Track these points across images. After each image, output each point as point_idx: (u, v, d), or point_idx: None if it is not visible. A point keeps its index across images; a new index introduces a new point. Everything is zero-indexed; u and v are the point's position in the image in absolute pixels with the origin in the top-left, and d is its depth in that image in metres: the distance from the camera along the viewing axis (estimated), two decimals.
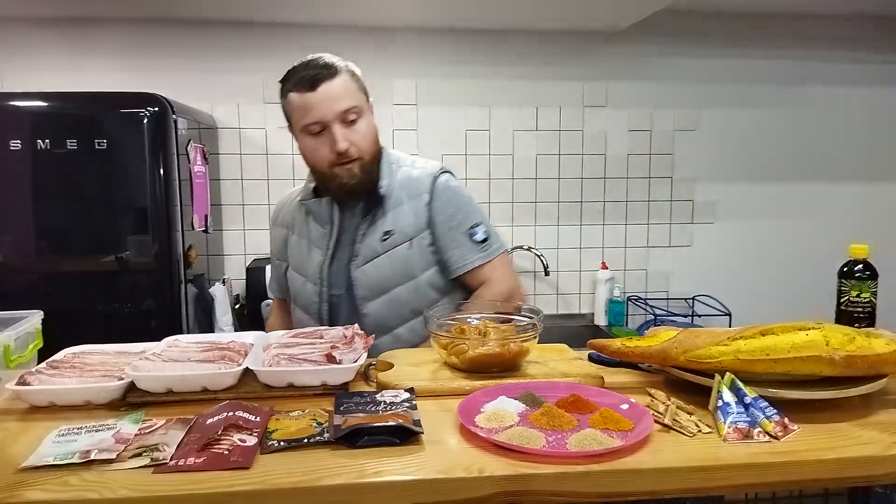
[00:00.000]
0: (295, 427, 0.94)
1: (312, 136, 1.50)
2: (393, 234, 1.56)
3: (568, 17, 2.90)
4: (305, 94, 1.46)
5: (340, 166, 1.50)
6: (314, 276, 1.59)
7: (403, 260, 1.57)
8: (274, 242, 1.72)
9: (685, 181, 3.29)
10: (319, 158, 1.51)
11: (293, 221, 1.67)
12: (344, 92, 1.48)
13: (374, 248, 1.56)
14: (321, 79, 1.46)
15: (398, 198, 1.59)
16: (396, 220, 1.58)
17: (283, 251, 1.69)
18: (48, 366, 1.15)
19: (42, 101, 2.34)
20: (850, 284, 1.39)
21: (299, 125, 1.51)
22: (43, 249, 2.35)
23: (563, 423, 0.98)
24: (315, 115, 1.47)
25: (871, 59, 3.32)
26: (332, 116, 1.46)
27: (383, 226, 1.57)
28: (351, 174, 1.51)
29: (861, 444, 0.95)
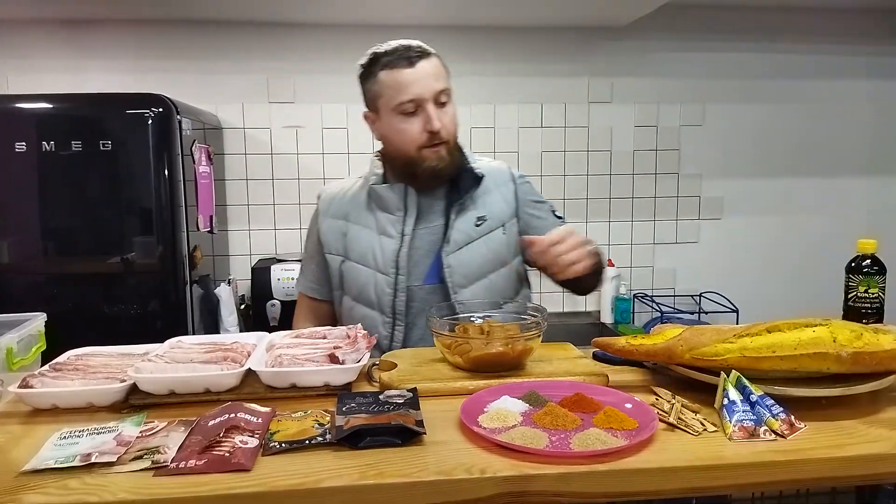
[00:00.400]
0: (296, 428, 0.94)
1: (404, 115, 1.47)
2: (486, 219, 1.56)
3: (571, 13, 2.88)
4: (403, 70, 1.44)
5: (430, 148, 1.48)
6: (387, 266, 1.52)
7: (498, 245, 1.56)
8: (325, 235, 1.62)
9: (691, 177, 3.27)
10: (409, 140, 1.48)
11: (350, 211, 1.60)
12: (438, 72, 1.47)
13: (468, 233, 1.54)
14: (419, 56, 1.45)
15: (486, 185, 1.59)
16: (488, 205, 1.58)
17: (339, 243, 1.60)
18: (51, 368, 1.15)
19: (46, 102, 2.35)
20: (857, 280, 1.38)
21: (391, 104, 1.47)
22: (48, 251, 2.36)
23: (566, 423, 0.97)
24: (412, 93, 1.44)
25: (877, 52, 3.30)
26: (428, 95, 1.45)
27: (475, 211, 1.56)
28: (439, 157, 1.49)
29: (869, 442, 0.94)
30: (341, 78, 3.05)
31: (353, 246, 1.57)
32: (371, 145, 3.08)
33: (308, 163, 3.08)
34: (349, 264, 1.58)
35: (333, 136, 3.09)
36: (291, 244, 3.09)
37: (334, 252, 1.61)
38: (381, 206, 1.57)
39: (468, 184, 1.56)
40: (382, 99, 1.49)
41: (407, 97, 1.44)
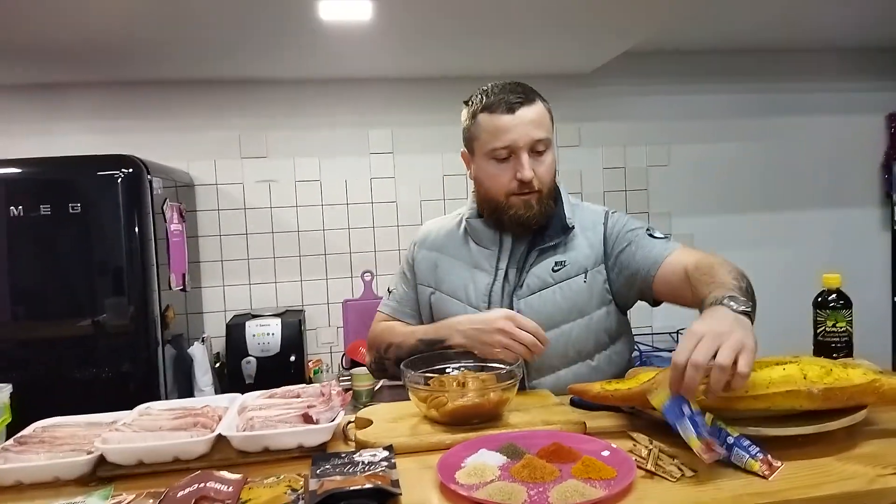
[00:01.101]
0: (268, 496, 0.91)
1: (497, 161, 1.45)
2: (566, 265, 1.49)
3: (538, 62, 2.95)
4: (501, 116, 1.42)
5: (518, 196, 1.45)
6: (479, 300, 1.49)
7: (577, 293, 1.48)
8: (419, 265, 1.60)
9: (661, 215, 3.32)
10: (499, 185, 1.46)
11: (445, 245, 1.59)
12: (539, 120, 1.44)
13: (543, 278, 1.48)
14: (520, 103, 1.42)
15: (572, 231, 1.53)
16: (570, 251, 1.50)
17: (431, 275, 1.58)
18: (16, 442, 1.12)
19: (14, 167, 2.33)
20: (825, 315, 1.39)
21: (485, 148, 1.46)
22: (18, 316, 2.32)
23: (544, 475, 0.96)
24: (507, 139, 1.42)
25: (835, 89, 3.41)
26: (523, 143, 1.42)
27: (554, 256, 1.50)
28: (528, 205, 1.45)
29: (845, 479, 0.93)
30: (313, 131, 3.08)
31: (445, 278, 1.55)
32: (346, 197, 3.11)
33: (282, 216, 3.08)
34: (440, 296, 1.55)
35: (307, 188, 3.10)
36: (266, 299, 3.07)
37: (425, 283, 1.59)
38: (476, 239, 1.55)
39: (555, 231, 1.51)
40: (478, 141, 1.48)
41: (501, 143, 1.43)
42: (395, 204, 3.15)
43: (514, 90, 1.45)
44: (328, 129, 3.10)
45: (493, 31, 2.45)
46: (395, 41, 2.54)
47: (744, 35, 3.06)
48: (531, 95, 1.46)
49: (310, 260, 3.11)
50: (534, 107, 1.44)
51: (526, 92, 1.46)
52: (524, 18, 2.33)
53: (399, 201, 3.16)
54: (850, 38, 3.23)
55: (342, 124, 3.10)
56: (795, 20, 2.85)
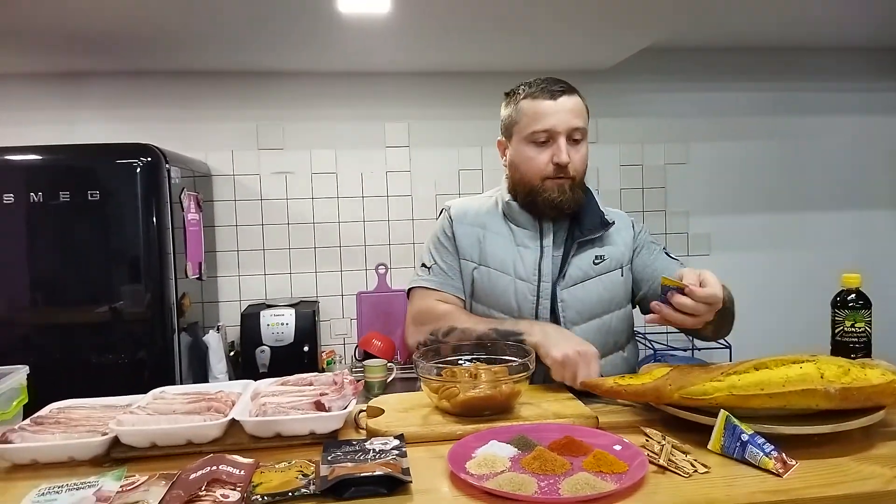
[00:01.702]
0: (279, 480, 0.92)
1: (535, 144, 1.50)
2: (605, 259, 1.56)
3: (554, 58, 2.94)
4: (544, 101, 1.49)
5: (554, 180, 1.50)
6: (528, 273, 1.52)
7: (616, 286, 1.56)
8: (461, 240, 1.59)
9: (679, 214, 3.29)
10: (536, 169, 1.51)
11: (487, 222, 1.60)
12: (578, 110, 1.51)
13: (585, 270, 1.54)
14: (562, 92, 1.50)
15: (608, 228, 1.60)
16: (607, 245, 1.58)
17: (475, 250, 1.58)
18: (32, 422, 1.13)
19: (35, 154, 2.35)
20: (843, 314, 1.37)
21: (525, 131, 1.51)
22: (37, 302, 2.34)
23: (555, 467, 0.95)
24: (547, 123, 1.48)
25: (856, 89, 3.36)
26: (563, 128, 1.48)
27: (594, 250, 1.56)
28: (561, 190, 1.50)
29: (861, 480, 0.92)
30: (330, 123, 3.09)
31: (491, 253, 1.56)
32: (361, 190, 3.12)
33: (298, 208, 3.09)
34: (485, 271, 1.56)
35: (323, 181, 3.10)
36: (281, 289, 3.08)
37: (468, 258, 1.59)
38: (516, 221, 1.58)
39: (594, 224, 1.57)
40: (518, 125, 1.54)
41: (542, 127, 1.48)
42: (411, 198, 3.15)
43: (558, 81, 1.53)
44: (345, 122, 3.10)
45: (512, 26, 2.44)
46: (413, 35, 2.54)
47: (764, 33, 3.02)
48: (571, 88, 1.53)
49: (325, 252, 3.12)
50: (574, 97, 1.52)
51: (567, 84, 1.53)
52: (543, 13, 2.31)
53: (414, 195, 3.16)
54: (872, 38, 3.19)
55: (359, 117, 3.10)
56: (817, 19, 2.82)
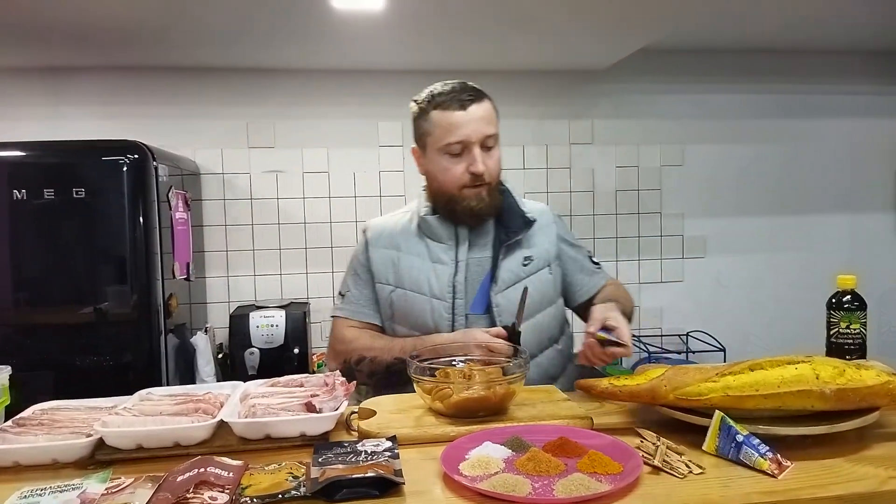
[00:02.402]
0: (269, 482, 0.90)
1: (450, 155, 1.50)
2: (533, 259, 1.57)
3: (552, 58, 2.93)
4: (454, 112, 1.48)
5: (471, 188, 1.51)
6: (443, 292, 1.52)
7: (545, 285, 1.57)
8: (376, 265, 1.60)
9: (674, 216, 3.30)
10: (452, 179, 1.51)
11: (401, 242, 1.60)
12: (488, 117, 1.51)
13: (515, 272, 1.55)
14: (471, 100, 1.49)
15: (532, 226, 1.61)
16: (533, 245, 1.59)
17: (390, 273, 1.59)
18: (14, 423, 1.11)
19: (19, 150, 2.32)
20: (839, 316, 1.37)
21: (438, 143, 1.51)
22: (20, 302, 2.31)
23: (549, 469, 0.94)
24: (460, 134, 1.48)
25: (853, 91, 3.38)
26: (475, 138, 1.48)
27: (521, 251, 1.57)
28: (479, 197, 1.52)
29: (856, 480, 0.92)
30: (322, 122, 3.07)
31: (406, 274, 1.57)
32: (354, 189, 3.10)
33: (289, 208, 3.07)
34: (401, 293, 1.56)
35: (314, 180, 3.08)
36: (272, 290, 3.06)
37: (384, 282, 1.59)
38: (432, 235, 1.58)
39: (517, 225, 1.58)
40: (431, 137, 1.53)
41: (455, 139, 1.48)
42: (404, 198, 3.13)
43: (465, 88, 1.52)
44: (337, 121, 3.08)
45: (507, 24, 2.43)
46: (408, 32, 2.52)
47: (762, 35, 3.03)
48: (480, 94, 1.53)
49: (316, 252, 3.09)
50: (483, 104, 1.51)
51: (475, 90, 1.53)
52: (539, 12, 2.31)
53: (408, 195, 3.13)
54: (869, 41, 3.20)
55: (352, 116, 3.09)
56: (814, 21, 2.82)
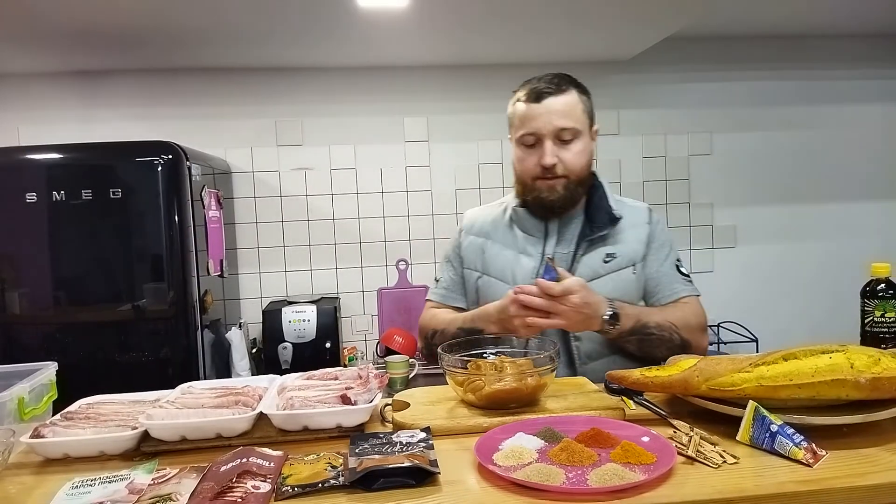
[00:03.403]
0: (309, 472, 0.92)
1: (525, 146, 1.53)
2: (616, 257, 1.55)
3: (576, 49, 2.92)
4: (530, 104, 1.50)
5: (543, 180, 1.52)
6: (526, 280, 1.50)
7: (626, 284, 1.54)
8: (465, 251, 1.65)
9: (703, 206, 3.27)
10: (526, 169, 1.54)
11: (491, 231, 1.64)
12: (566, 110, 1.50)
13: (594, 268, 1.53)
14: (547, 93, 1.49)
15: (621, 224, 1.58)
16: (619, 243, 1.57)
17: (478, 259, 1.63)
18: (62, 417, 1.15)
19: (57, 153, 2.38)
20: (873, 304, 1.35)
21: (516, 134, 1.55)
22: (60, 301, 2.37)
23: (583, 459, 0.95)
24: (532, 127, 1.50)
25: (884, 76, 3.32)
26: (546, 131, 1.49)
27: (605, 248, 1.56)
28: (552, 190, 1.52)
29: (892, 470, 0.91)
30: (349, 119, 3.09)
31: (493, 262, 1.60)
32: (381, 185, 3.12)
33: (317, 204, 3.10)
34: (487, 279, 1.60)
35: (342, 176, 3.11)
36: (302, 286, 3.10)
37: (472, 268, 1.64)
38: (522, 227, 1.61)
39: (602, 221, 1.56)
40: (512, 128, 1.58)
41: (527, 130, 1.51)
42: (431, 192, 3.15)
43: (550, 80, 1.52)
44: (363, 117, 3.11)
45: (532, 17, 2.43)
46: (432, 28, 2.53)
47: (790, 20, 2.98)
48: (564, 86, 1.52)
49: (345, 248, 3.13)
50: (563, 97, 1.50)
51: (560, 82, 1.52)
52: (565, 3, 2.30)
53: (434, 190, 3.16)
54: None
55: (377, 112, 3.11)
56: (845, 4, 2.77)
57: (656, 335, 1.44)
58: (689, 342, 1.46)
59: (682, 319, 1.48)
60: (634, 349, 1.47)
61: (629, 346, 1.46)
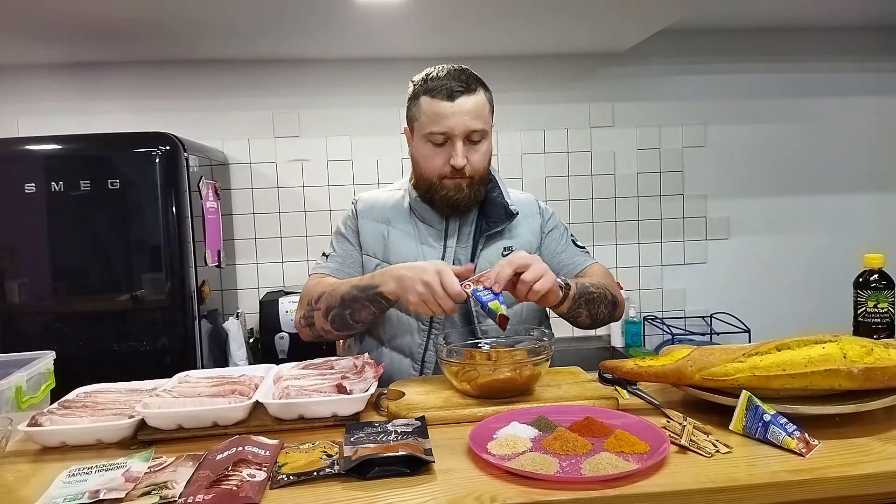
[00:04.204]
0: (304, 460, 0.93)
1: (434, 144, 1.48)
2: (514, 250, 1.52)
3: (571, 41, 2.92)
4: (441, 102, 1.45)
5: (451, 179, 1.49)
6: None
7: None
8: (365, 236, 1.58)
9: (696, 198, 3.27)
10: (432, 167, 1.50)
11: (392, 217, 1.59)
12: (476, 111, 1.47)
13: (493, 263, 1.47)
14: (459, 92, 1.45)
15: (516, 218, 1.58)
16: (515, 237, 1.57)
17: (379, 246, 1.57)
18: (60, 406, 1.15)
19: (55, 144, 2.38)
20: (866, 295, 1.36)
21: (423, 130, 1.49)
22: (59, 291, 2.38)
23: (576, 448, 0.96)
24: (444, 126, 1.45)
25: (878, 69, 3.31)
26: (458, 132, 1.45)
27: (502, 241, 1.55)
28: (458, 189, 1.49)
29: (884, 459, 0.92)
30: (345, 111, 3.09)
31: (394, 250, 1.55)
32: (377, 176, 3.12)
33: (314, 195, 3.10)
34: None
35: (338, 168, 3.11)
36: (299, 276, 3.10)
37: (371, 254, 1.58)
38: (423, 218, 1.57)
39: (499, 216, 1.55)
40: (418, 123, 1.51)
41: (438, 129, 1.46)
42: None
43: (458, 77, 1.47)
44: (360, 109, 3.10)
45: (527, 10, 2.42)
46: (428, 20, 2.53)
47: (784, 13, 2.98)
48: (473, 85, 1.48)
49: None
50: (474, 97, 1.46)
51: (469, 81, 1.47)
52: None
53: None
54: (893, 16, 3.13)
55: (374, 104, 3.11)
56: None
57: (596, 293, 1.44)
58: (616, 297, 1.52)
59: (601, 280, 1.52)
60: (585, 315, 1.44)
61: (581, 311, 1.43)
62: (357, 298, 1.39)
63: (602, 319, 1.50)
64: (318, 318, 1.46)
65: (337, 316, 1.42)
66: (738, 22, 3.11)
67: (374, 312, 1.40)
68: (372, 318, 1.42)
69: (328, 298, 1.44)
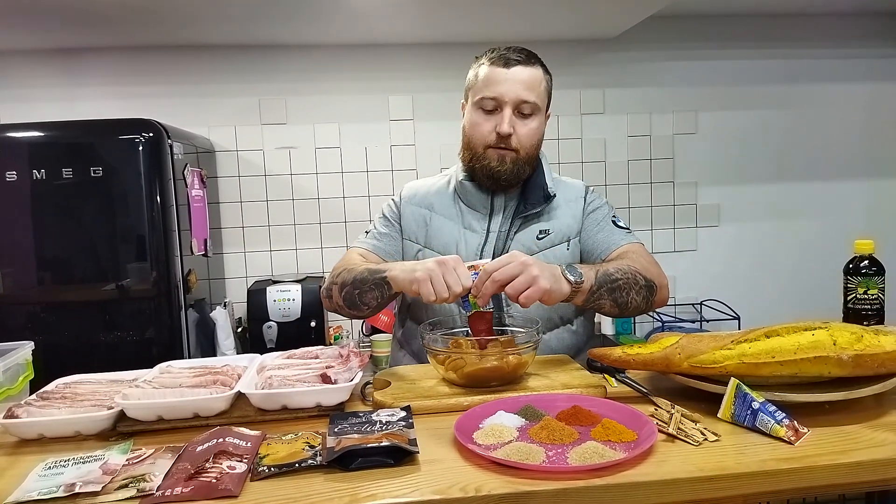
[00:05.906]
0: (286, 451, 0.91)
1: (483, 111, 1.49)
2: (550, 233, 1.53)
3: (561, 27, 2.89)
4: (497, 68, 1.47)
5: (495, 149, 1.48)
6: (470, 257, 1.49)
7: (560, 261, 1.48)
8: (406, 220, 1.59)
9: (687, 185, 3.26)
10: (479, 135, 1.50)
11: (435, 203, 1.59)
12: (531, 83, 1.47)
13: (527, 246, 1.50)
14: (516, 61, 1.46)
15: (556, 200, 1.56)
16: (553, 220, 1.55)
17: (421, 231, 1.57)
18: (38, 397, 1.13)
19: (37, 131, 2.33)
20: (856, 281, 1.36)
21: (476, 96, 1.50)
22: (43, 280, 2.34)
23: (563, 437, 0.95)
24: (495, 91, 1.46)
25: (869, 55, 3.30)
26: (509, 98, 1.45)
27: (538, 225, 1.54)
28: (501, 161, 1.48)
29: (874, 447, 0.91)
30: (333, 97, 3.05)
31: (436, 235, 1.55)
32: (366, 164, 3.10)
33: (302, 183, 3.07)
34: (429, 253, 1.54)
35: (327, 155, 3.08)
36: (287, 265, 3.07)
37: (413, 239, 1.58)
38: (467, 201, 1.57)
39: (536, 198, 1.54)
40: (472, 90, 1.53)
41: (490, 94, 1.46)
42: (416, 172, 3.12)
43: (520, 51, 1.49)
44: (348, 96, 3.06)
45: None
46: (416, 6, 2.49)
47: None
48: (532, 60, 1.49)
49: (330, 227, 3.10)
50: (530, 69, 1.48)
51: (529, 56, 1.49)
52: None
53: (419, 169, 3.13)
54: (885, 2, 3.11)
55: (362, 90, 3.07)
56: None
57: (622, 279, 1.36)
58: (652, 281, 1.41)
59: (634, 262, 1.43)
60: (610, 305, 1.37)
61: (603, 302, 1.36)
62: (366, 280, 1.40)
63: (636, 307, 1.40)
64: (335, 293, 1.48)
65: (348, 294, 1.44)
66: (730, 7, 3.08)
67: (377, 297, 1.40)
68: (377, 302, 1.41)
69: (346, 275, 1.46)
